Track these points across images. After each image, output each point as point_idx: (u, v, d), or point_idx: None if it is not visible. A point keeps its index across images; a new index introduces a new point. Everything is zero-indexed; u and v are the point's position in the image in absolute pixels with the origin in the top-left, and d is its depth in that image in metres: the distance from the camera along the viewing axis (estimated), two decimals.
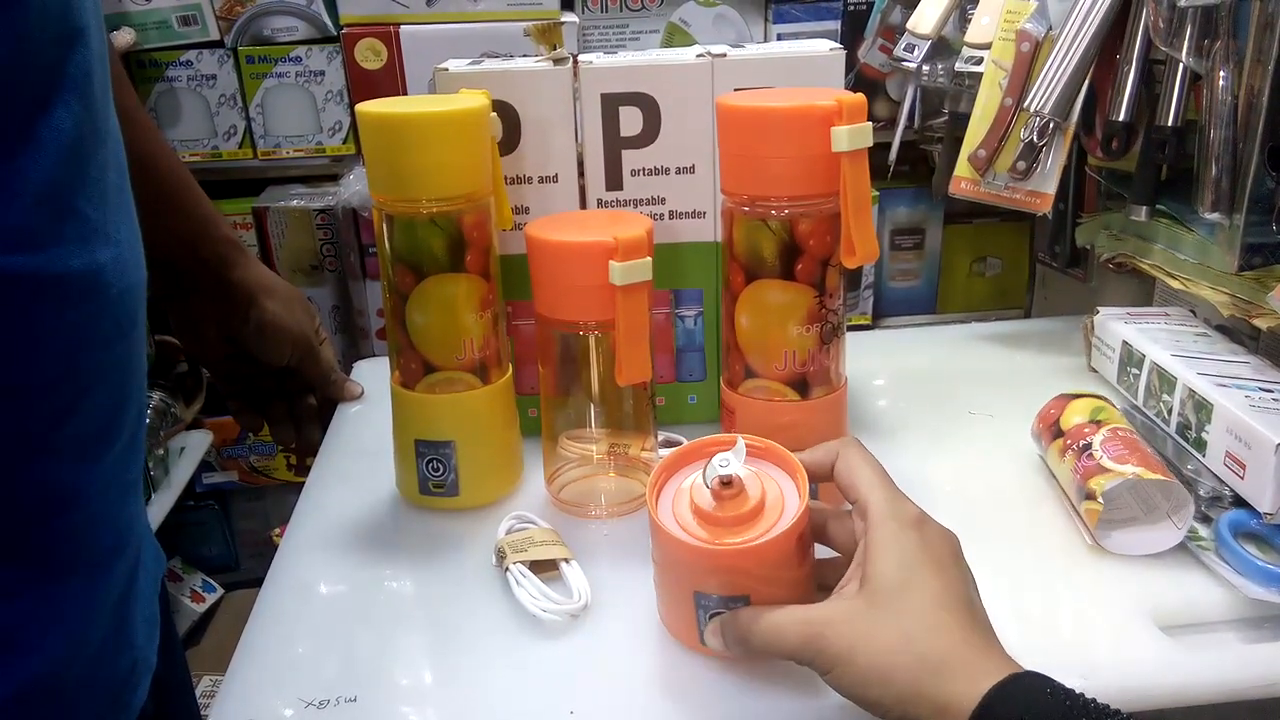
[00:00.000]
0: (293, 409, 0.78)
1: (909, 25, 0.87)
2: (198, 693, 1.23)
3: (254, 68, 1.22)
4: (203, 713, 0.65)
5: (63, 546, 0.41)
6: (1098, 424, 0.62)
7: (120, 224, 0.42)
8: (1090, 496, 0.58)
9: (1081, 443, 0.61)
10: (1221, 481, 0.60)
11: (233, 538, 1.55)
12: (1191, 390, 0.64)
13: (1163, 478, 0.57)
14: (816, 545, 0.50)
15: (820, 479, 0.50)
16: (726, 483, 0.48)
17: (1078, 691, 0.38)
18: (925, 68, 0.87)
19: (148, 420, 1.24)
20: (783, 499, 0.48)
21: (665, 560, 0.50)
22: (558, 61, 0.66)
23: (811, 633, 0.43)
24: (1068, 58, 0.74)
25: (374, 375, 0.84)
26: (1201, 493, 0.60)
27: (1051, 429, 0.65)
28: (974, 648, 0.41)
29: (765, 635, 0.45)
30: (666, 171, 0.67)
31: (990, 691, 0.38)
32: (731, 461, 0.48)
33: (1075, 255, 0.95)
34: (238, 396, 0.77)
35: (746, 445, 0.50)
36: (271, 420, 0.78)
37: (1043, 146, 0.76)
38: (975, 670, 0.39)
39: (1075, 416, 0.64)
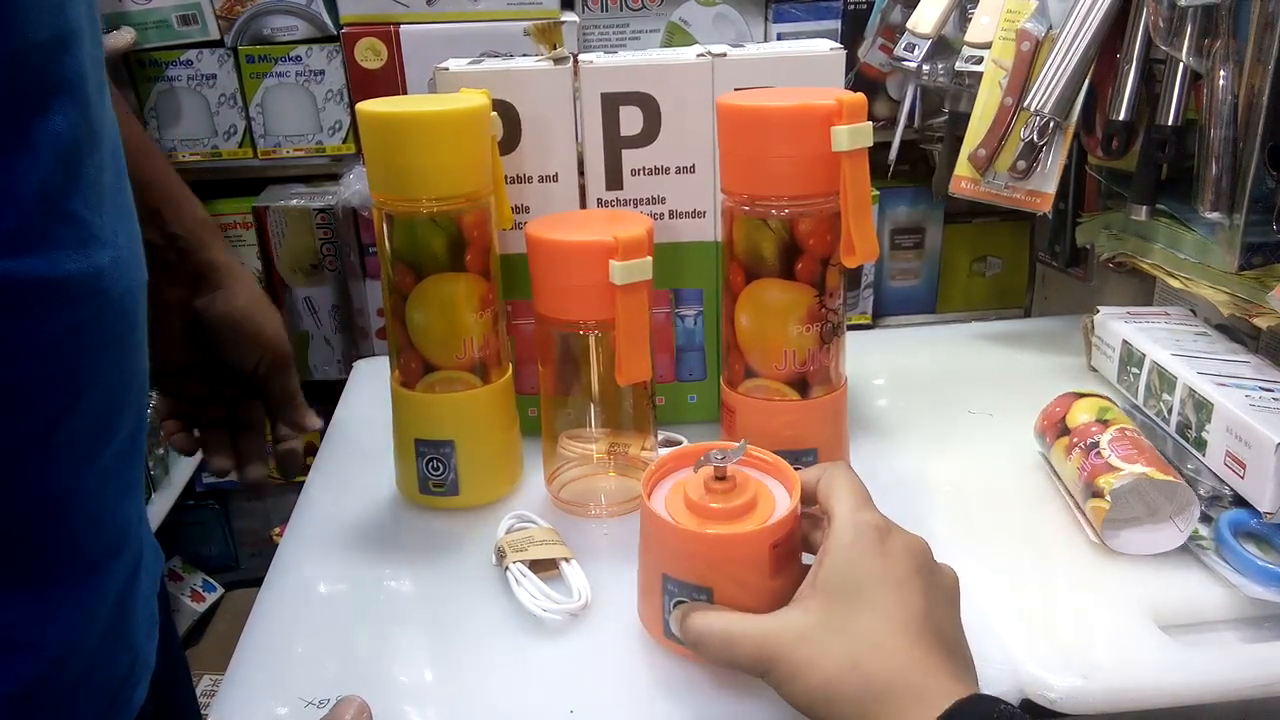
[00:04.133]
0: (239, 438, 0.67)
1: (909, 25, 0.87)
2: (198, 692, 1.23)
3: (254, 67, 1.22)
4: (202, 712, 0.65)
5: (60, 546, 0.41)
6: (1105, 423, 0.62)
7: (118, 226, 0.42)
8: (1098, 494, 0.58)
9: (1089, 441, 0.61)
10: (1221, 481, 0.60)
11: (233, 537, 1.55)
12: (1191, 389, 0.64)
13: (1171, 479, 0.57)
14: None
15: (809, 499, 0.50)
16: (720, 476, 0.48)
17: (1024, 715, 0.38)
18: (925, 67, 0.87)
19: (148, 420, 1.24)
20: (773, 509, 0.49)
21: (643, 538, 0.51)
22: (558, 61, 0.66)
23: (762, 650, 0.43)
24: (1068, 57, 0.74)
25: (374, 375, 0.84)
26: (1201, 492, 0.60)
27: (1057, 426, 0.65)
28: (925, 670, 0.40)
29: (717, 644, 0.45)
30: (666, 171, 0.67)
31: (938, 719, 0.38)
32: (728, 456, 0.48)
33: (1075, 254, 0.95)
34: (180, 415, 0.67)
35: (752, 456, 0.51)
36: (210, 446, 0.68)
37: (1043, 146, 0.76)
38: (924, 695, 0.39)
39: (1081, 415, 0.64)
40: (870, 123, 0.54)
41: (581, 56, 0.66)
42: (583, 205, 0.68)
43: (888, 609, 0.42)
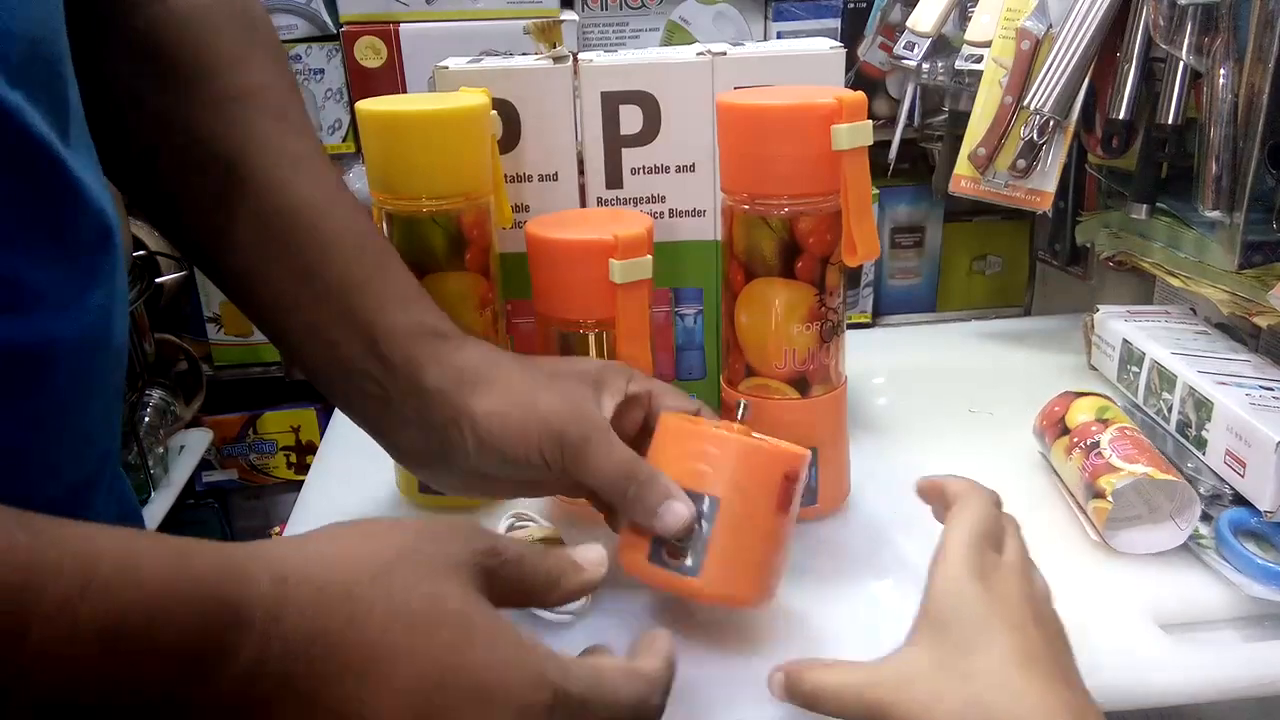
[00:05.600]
0: None
1: (909, 23, 0.87)
2: None
3: None
4: None
5: None
6: (1105, 423, 0.62)
7: (90, 288, 0.38)
8: (1100, 495, 0.58)
9: (1089, 441, 0.61)
10: (1222, 480, 0.60)
11: (233, 537, 1.55)
12: (1192, 388, 0.64)
13: (1172, 478, 0.57)
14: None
15: (932, 503, 0.50)
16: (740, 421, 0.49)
17: None
18: (925, 66, 0.87)
19: (147, 419, 1.24)
20: None
21: (653, 449, 0.50)
22: (558, 60, 0.65)
23: (876, 699, 0.41)
24: (1068, 56, 0.74)
25: None
26: (1202, 491, 0.60)
27: (1056, 426, 0.65)
28: (1050, 708, 0.38)
29: (828, 700, 0.43)
30: (666, 170, 0.67)
31: None
32: (747, 411, 0.50)
33: (1075, 253, 0.95)
34: None
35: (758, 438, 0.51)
36: None
37: (1043, 144, 0.76)
38: None
39: (1081, 414, 0.64)
40: (870, 121, 0.54)
41: (581, 55, 0.66)
42: (582, 204, 0.68)
43: (1004, 645, 0.40)
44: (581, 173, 0.68)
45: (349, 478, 0.70)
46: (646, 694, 0.39)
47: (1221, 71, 0.66)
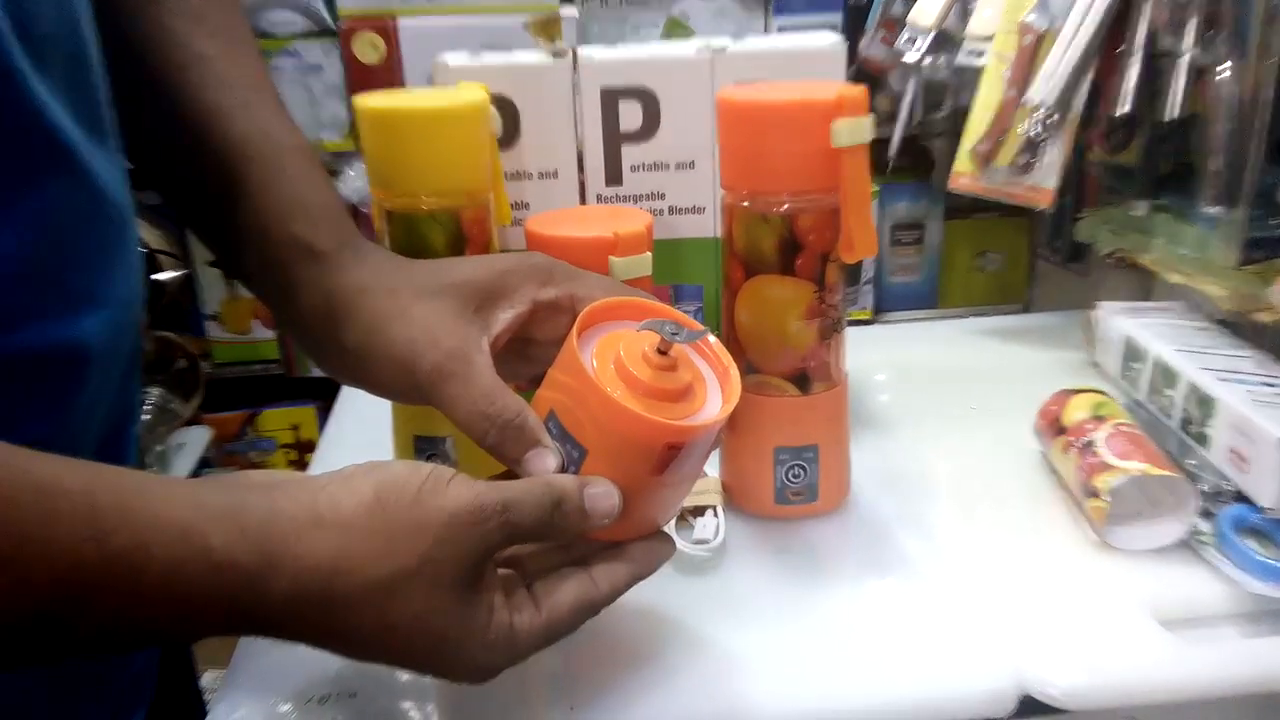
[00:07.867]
0: None
1: (910, 18, 0.87)
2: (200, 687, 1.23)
3: None
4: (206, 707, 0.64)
5: None
6: (1100, 420, 0.62)
7: (115, 280, 0.40)
8: (1095, 494, 0.58)
9: (1084, 440, 0.61)
10: (1223, 476, 0.60)
11: None
12: (1194, 385, 0.64)
13: (1168, 473, 0.57)
14: None
15: None
16: (662, 351, 0.43)
17: None
18: (927, 61, 0.87)
19: (147, 417, 1.24)
20: (697, 406, 0.44)
21: (555, 364, 0.45)
22: (557, 55, 0.65)
23: None
24: (1070, 51, 0.74)
25: None
26: (1203, 488, 0.59)
27: (1053, 425, 0.65)
28: None
29: None
30: (666, 166, 0.67)
31: None
32: (682, 335, 0.43)
33: (1076, 250, 0.95)
34: None
35: (708, 347, 0.47)
36: None
37: (1044, 140, 0.76)
38: None
39: (1076, 412, 0.64)
40: (870, 117, 0.54)
41: (581, 50, 0.66)
42: (582, 201, 0.68)
43: None
44: (581, 170, 0.67)
45: None
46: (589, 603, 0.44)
47: (1224, 67, 0.66)
